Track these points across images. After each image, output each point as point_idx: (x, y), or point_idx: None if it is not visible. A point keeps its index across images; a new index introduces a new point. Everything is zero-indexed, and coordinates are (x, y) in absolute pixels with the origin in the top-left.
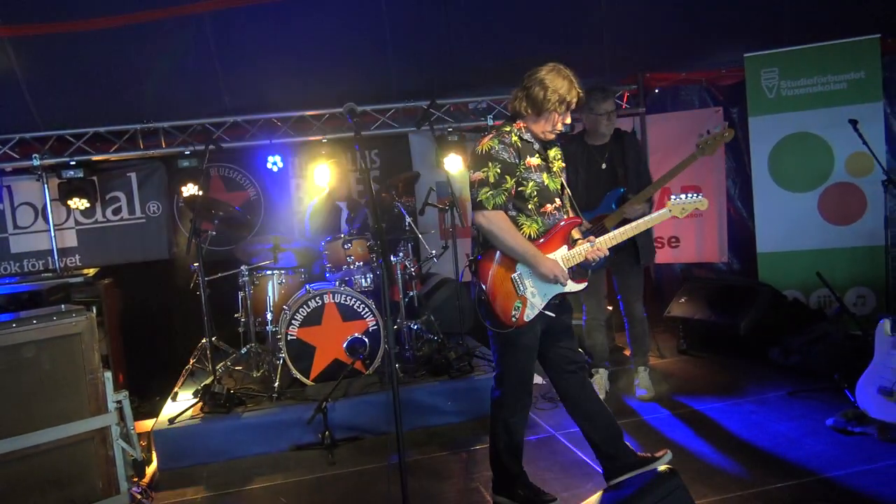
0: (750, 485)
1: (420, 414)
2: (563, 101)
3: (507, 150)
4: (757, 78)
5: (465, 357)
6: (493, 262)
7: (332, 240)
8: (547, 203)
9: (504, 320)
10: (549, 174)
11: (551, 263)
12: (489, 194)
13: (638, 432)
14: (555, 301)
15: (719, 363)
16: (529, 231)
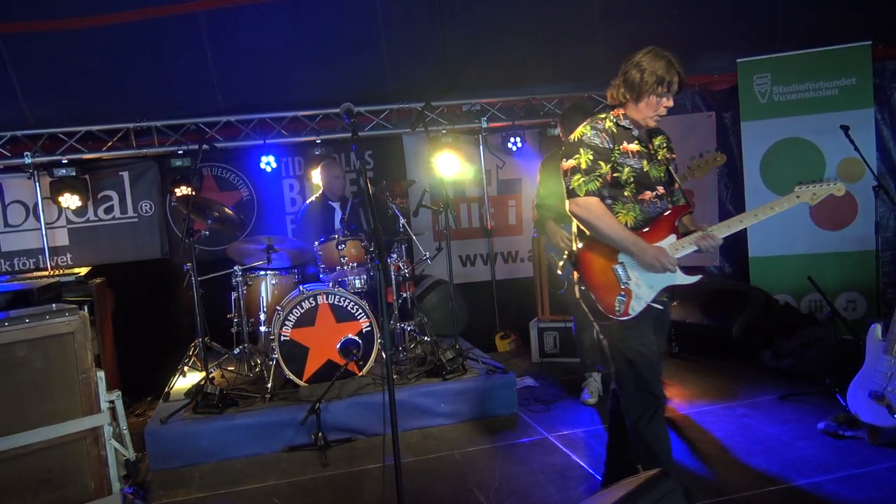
0: (742, 488)
1: (413, 416)
2: (661, 81)
3: (599, 135)
4: (749, 83)
5: (458, 359)
6: (592, 252)
7: (326, 240)
8: (646, 190)
9: (608, 312)
10: (650, 161)
11: (656, 251)
12: (581, 181)
13: None
14: (663, 297)
15: (711, 366)
16: (626, 220)
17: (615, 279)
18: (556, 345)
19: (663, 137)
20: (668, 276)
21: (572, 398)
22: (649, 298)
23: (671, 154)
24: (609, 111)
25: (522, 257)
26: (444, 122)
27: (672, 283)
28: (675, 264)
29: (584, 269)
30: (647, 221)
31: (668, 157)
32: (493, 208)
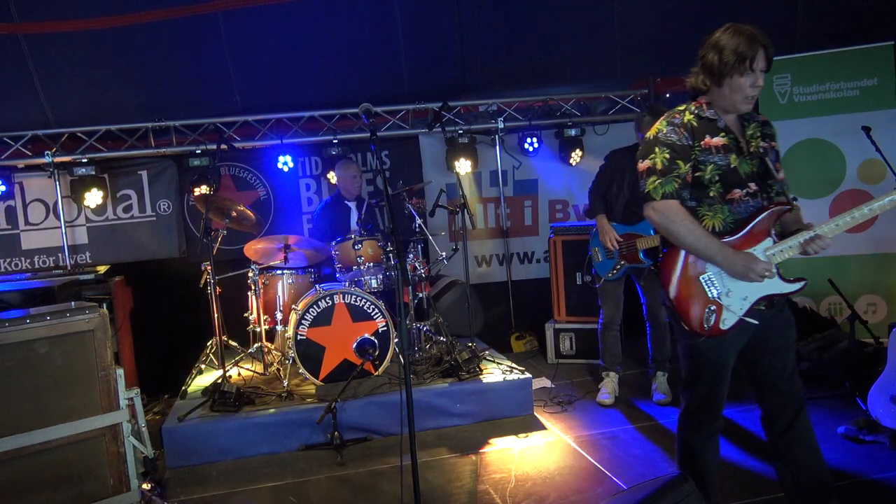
0: (761, 492)
1: (429, 416)
2: (742, 58)
3: (676, 131)
4: (769, 84)
5: (474, 359)
6: (677, 260)
7: (343, 240)
8: (735, 188)
9: (695, 328)
10: (739, 155)
11: (745, 259)
12: (657, 183)
13: (652, 436)
14: (759, 306)
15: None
16: (713, 223)
17: (703, 290)
18: (572, 346)
19: (757, 125)
20: (765, 285)
21: (588, 399)
22: (742, 311)
23: (769, 143)
24: (691, 102)
25: (539, 258)
26: (460, 122)
27: (770, 292)
28: (770, 271)
29: (668, 280)
30: (738, 223)
31: (763, 147)
32: (509, 209)
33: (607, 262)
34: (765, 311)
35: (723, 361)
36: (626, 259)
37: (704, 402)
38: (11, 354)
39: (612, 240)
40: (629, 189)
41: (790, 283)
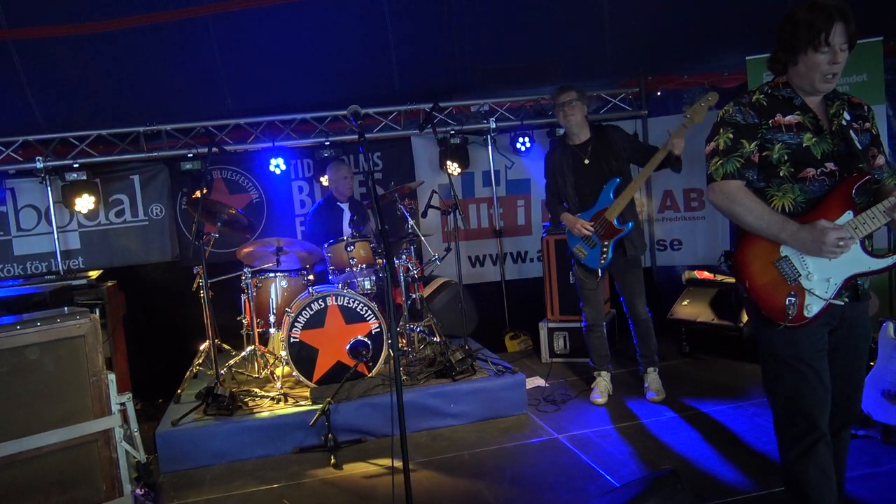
0: (753, 488)
1: (423, 416)
2: (816, 32)
3: (742, 110)
4: (759, 80)
5: (467, 359)
6: (749, 247)
7: (335, 242)
8: (808, 167)
9: (775, 318)
10: (817, 134)
11: (812, 231)
12: (718, 164)
13: (643, 435)
14: (843, 297)
15: (722, 366)
16: (783, 202)
17: (781, 277)
18: (565, 345)
19: (842, 103)
20: (850, 262)
21: (582, 398)
22: (829, 295)
23: (863, 124)
24: (769, 82)
25: (532, 257)
26: (452, 122)
27: (857, 270)
28: (846, 243)
29: (742, 270)
30: (810, 203)
31: (852, 124)
32: (502, 208)
33: (593, 252)
34: (850, 301)
35: (805, 356)
36: (606, 236)
37: (792, 408)
38: (3, 361)
39: (583, 226)
40: (572, 174)
41: (879, 259)
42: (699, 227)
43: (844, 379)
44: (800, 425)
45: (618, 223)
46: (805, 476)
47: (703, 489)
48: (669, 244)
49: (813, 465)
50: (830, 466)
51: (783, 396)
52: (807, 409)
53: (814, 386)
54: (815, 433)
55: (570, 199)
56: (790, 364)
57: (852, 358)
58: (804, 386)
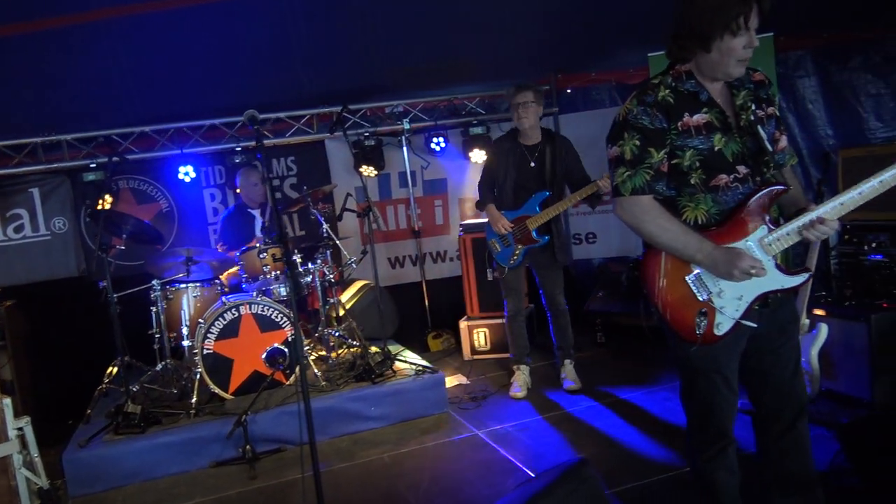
0: (668, 469)
1: (343, 421)
2: (735, 15)
3: (648, 112)
4: None
5: (386, 361)
6: (659, 261)
7: (248, 249)
8: (720, 173)
9: (686, 336)
10: (726, 133)
11: (727, 255)
12: (625, 176)
13: (561, 425)
14: (755, 306)
15: (636, 354)
16: (695, 215)
17: (691, 293)
18: (486, 341)
19: (749, 91)
20: (761, 280)
21: (502, 393)
22: (737, 313)
23: (766, 109)
24: (667, 72)
25: (451, 256)
26: (366, 124)
27: (768, 288)
28: (759, 266)
29: (652, 284)
30: (723, 214)
31: (758, 115)
32: (420, 209)
33: (506, 251)
34: (759, 309)
35: (719, 369)
36: (522, 242)
37: (705, 415)
38: None
39: (504, 225)
40: (515, 171)
41: (791, 276)
42: (612, 220)
43: (780, 371)
44: (711, 432)
45: (535, 234)
46: (715, 477)
47: (619, 473)
48: (585, 237)
49: (722, 468)
50: (736, 465)
51: (697, 404)
52: (719, 418)
53: (725, 396)
54: (725, 439)
55: (505, 193)
56: (704, 374)
57: (785, 348)
58: (717, 396)
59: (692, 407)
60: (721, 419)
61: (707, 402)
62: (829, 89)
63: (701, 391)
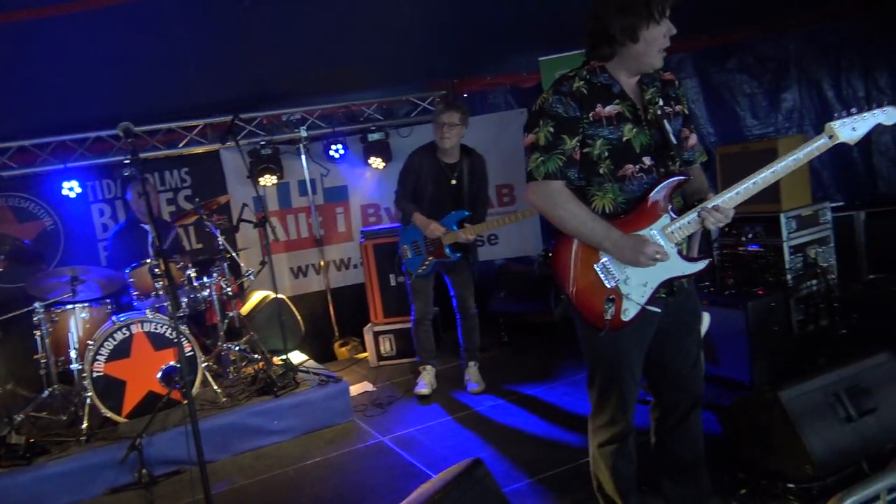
0: (561, 463)
1: (245, 437)
2: (657, 3)
3: (562, 101)
4: (551, 80)
5: (288, 373)
6: (570, 248)
7: (139, 266)
8: (627, 163)
9: (594, 322)
10: (636, 125)
11: (633, 242)
12: (539, 161)
13: (464, 426)
14: (660, 294)
15: (537, 351)
16: (603, 203)
17: (599, 280)
18: (392, 347)
19: (657, 89)
20: (665, 267)
21: (408, 398)
22: (643, 299)
23: (674, 107)
24: (582, 66)
25: (355, 263)
26: (262, 133)
27: (672, 275)
28: (664, 254)
29: (561, 272)
30: (630, 203)
31: (665, 111)
32: (321, 217)
33: (416, 259)
34: (667, 297)
35: (624, 356)
36: (434, 255)
37: (607, 403)
38: None
39: (437, 228)
40: (432, 185)
41: (693, 263)
42: None
43: (681, 362)
44: (612, 419)
45: (448, 251)
46: (613, 463)
47: (519, 469)
48: (487, 239)
49: (620, 455)
50: (634, 455)
51: (601, 391)
52: (620, 406)
53: (628, 385)
54: (625, 426)
55: (424, 205)
56: (610, 363)
57: (686, 342)
58: (621, 385)
59: (596, 394)
60: (622, 407)
61: (610, 390)
62: (708, 89)
63: (605, 379)
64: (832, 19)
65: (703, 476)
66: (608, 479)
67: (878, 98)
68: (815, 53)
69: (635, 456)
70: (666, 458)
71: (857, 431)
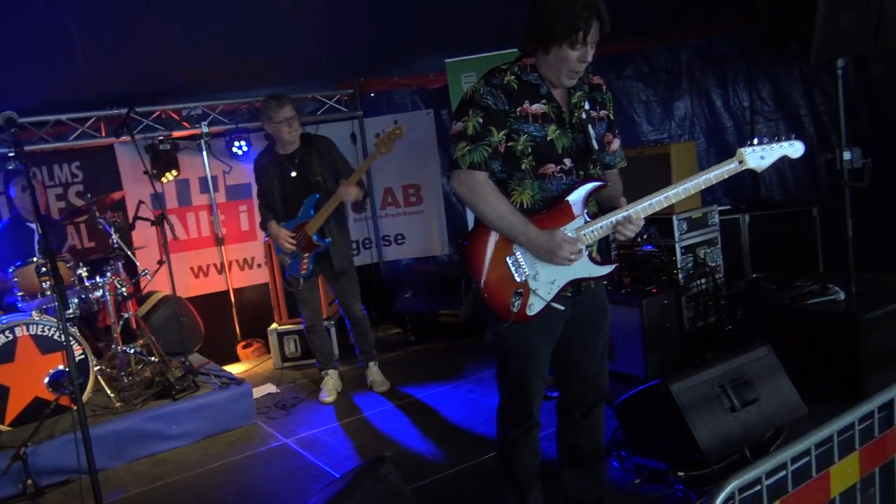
0: (465, 459)
1: (141, 443)
2: (575, 29)
3: (493, 93)
4: (458, 81)
5: (188, 376)
6: (485, 239)
7: (23, 265)
8: (549, 162)
9: (501, 313)
10: (560, 127)
11: (550, 239)
12: (465, 150)
13: (368, 427)
14: (566, 293)
15: (444, 350)
16: (521, 199)
17: (510, 273)
18: (297, 348)
19: (584, 93)
20: (573, 267)
21: (312, 399)
22: (549, 296)
23: (599, 112)
24: (515, 62)
25: (259, 263)
26: (161, 128)
27: (578, 276)
28: (577, 253)
29: (474, 263)
30: (547, 201)
31: (591, 116)
32: (224, 215)
33: (295, 262)
34: (572, 297)
35: (531, 350)
36: (306, 249)
37: (515, 396)
38: None
39: (286, 238)
40: (279, 182)
41: (600, 266)
42: (419, 220)
43: (588, 358)
44: (519, 412)
45: (316, 238)
46: (517, 455)
47: (423, 467)
48: (394, 239)
49: (525, 448)
50: (538, 448)
51: (509, 384)
52: (527, 399)
53: (535, 379)
54: (531, 420)
55: (277, 207)
56: (517, 356)
57: (594, 338)
58: (528, 378)
59: (504, 387)
60: (529, 401)
61: (518, 383)
62: None
63: (513, 373)
64: (719, 33)
65: (601, 468)
66: (513, 471)
67: (760, 108)
68: (705, 64)
69: (539, 450)
70: (567, 450)
71: (740, 421)
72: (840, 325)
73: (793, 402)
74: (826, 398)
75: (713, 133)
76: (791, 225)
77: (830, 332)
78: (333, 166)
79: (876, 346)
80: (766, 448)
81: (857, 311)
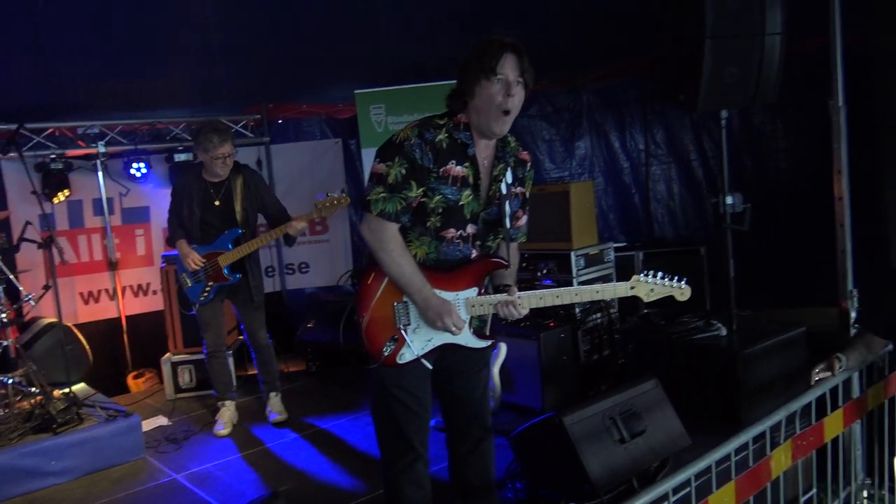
0: (369, 490)
1: (16, 481)
2: (487, 59)
3: (422, 147)
4: (367, 112)
5: (71, 408)
6: (378, 278)
7: None
8: (451, 227)
9: (373, 353)
10: (474, 192)
11: (441, 307)
12: (380, 196)
13: (265, 460)
14: (434, 353)
15: (347, 381)
16: (416, 252)
17: (392, 318)
18: (191, 378)
19: (504, 166)
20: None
21: (206, 432)
22: (421, 352)
23: (517, 188)
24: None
25: (155, 289)
26: (53, 146)
27: (455, 342)
28: (460, 325)
29: (363, 299)
30: (440, 263)
31: (510, 191)
32: (119, 238)
33: (196, 287)
34: (444, 359)
35: (406, 388)
36: (213, 278)
37: (393, 432)
38: None
39: (194, 260)
40: (199, 208)
41: (479, 340)
42: (324, 249)
43: (470, 394)
44: (400, 446)
45: (227, 272)
46: (403, 489)
47: (321, 500)
48: (298, 267)
49: (409, 481)
50: (425, 480)
51: (386, 420)
52: (407, 433)
53: (414, 411)
54: (413, 453)
55: (193, 231)
56: (393, 392)
57: (473, 373)
58: (406, 412)
59: (380, 421)
60: (409, 434)
61: (394, 417)
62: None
63: (388, 406)
64: (618, 77)
65: (493, 500)
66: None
67: (654, 151)
68: (604, 107)
69: (428, 482)
70: (459, 483)
71: (628, 452)
72: (721, 360)
73: (678, 433)
74: (709, 429)
75: (611, 173)
76: (681, 263)
77: (713, 366)
78: (260, 202)
79: (752, 380)
80: (653, 478)
81: (738, 347)
